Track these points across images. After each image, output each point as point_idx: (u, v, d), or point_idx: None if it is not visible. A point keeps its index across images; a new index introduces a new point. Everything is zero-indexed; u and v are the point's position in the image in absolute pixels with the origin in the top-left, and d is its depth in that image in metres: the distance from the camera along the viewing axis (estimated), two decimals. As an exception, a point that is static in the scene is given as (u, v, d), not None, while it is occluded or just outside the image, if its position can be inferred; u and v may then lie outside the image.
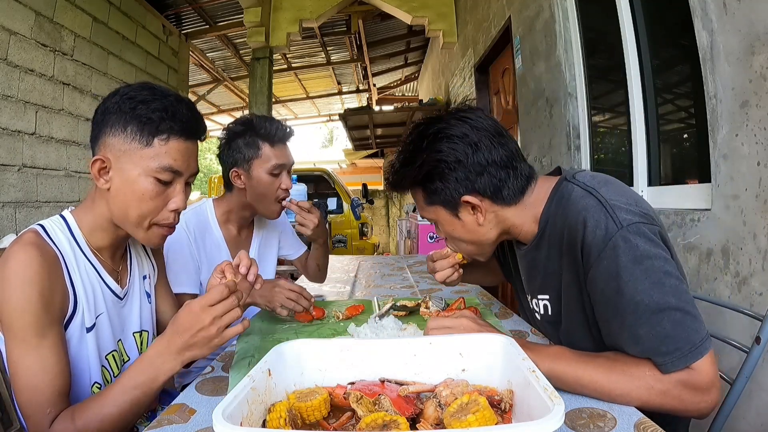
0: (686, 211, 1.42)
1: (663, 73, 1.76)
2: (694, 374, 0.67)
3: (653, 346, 0.68)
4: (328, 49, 7.07)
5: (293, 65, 7.50)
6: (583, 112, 2.25)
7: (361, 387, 0.63)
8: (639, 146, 1.80)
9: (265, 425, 0.56)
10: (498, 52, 3.66)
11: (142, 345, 0.94)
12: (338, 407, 0.63)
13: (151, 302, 0.98)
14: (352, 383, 0.66)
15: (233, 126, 1.30)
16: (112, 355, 0.86)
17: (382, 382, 0.65)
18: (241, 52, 6.42)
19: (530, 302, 0.97)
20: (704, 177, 1.40)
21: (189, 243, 1.26)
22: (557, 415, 0.46)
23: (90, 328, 0.81)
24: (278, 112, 9.94)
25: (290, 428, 0.54)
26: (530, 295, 0.97)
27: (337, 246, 6.47)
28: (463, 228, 0.89)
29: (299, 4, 5.09)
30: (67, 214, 0.84)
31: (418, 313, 1.21)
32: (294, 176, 1.50)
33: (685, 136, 1.74)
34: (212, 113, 8.61)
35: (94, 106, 3.57)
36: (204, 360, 1.13)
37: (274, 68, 6.21)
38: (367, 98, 9.82)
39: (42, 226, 0.80)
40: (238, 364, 0.89)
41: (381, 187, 11.05)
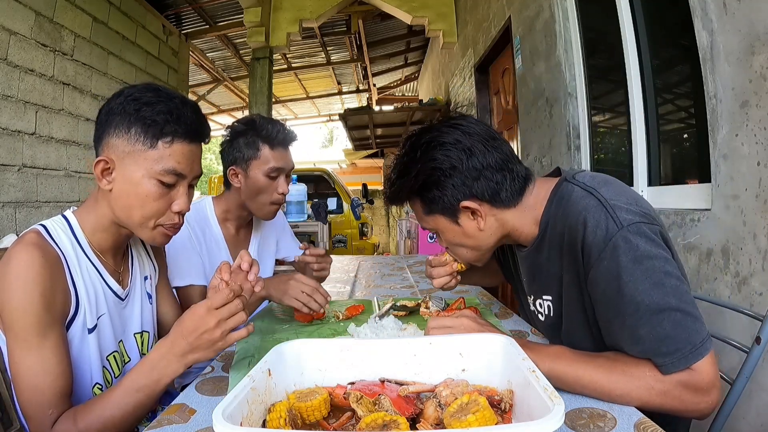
0: (686, 211, 1.42)
1: (663, 73, 1.76)
2: (695, 375, 0.67)
3: (653, 347, 0.68)
4: (328, 49, 7.07)
5: (293, 65, 7.50)
6: (583, 112, 2.25)
7: (361, 387, 0.63)
8: (639, 146, 1.80)
9: (265, 425, 0.56)
10: (498, 52, 3.65)
11: (142, 346, 0.94)
12: (338, 407, 0.63)
13: (152, 303, 0.98)
14: (352, 383, 0.66)
15: (237, 124, 1.30)
16: (113, 356, 0.86)
17: (382, 382, 0.65)
18: (241, 52, 6.42)
19: (532, 304, 0.97)
20: (704, 177, 1.40)
21: (191, 237, 1.27)
22: (557, 415, 0.46)
23: (92, 329, 0.81)
24: (278, 112, 9.93)
25: (290, 428, 0.54)
26: (532, 297, 0.97)
27: (337, 246, 6.47)
28: (464, 234, 0.88)
29: (299, 4, 5.09)
30: (69, 214, 0.84)
31: (418, 313, 1.21)
32: (294, 176, 1.50)
33: (685, 136, 1.74)
34: (212, 113, 8.62)
35: (94, 106, 3.57)
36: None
37: (274, 68, 6.21)
38: (367, 98, 9.82)
39: (44, 226, 0.79)
40: (238, 364, 0.89)
41: (381, 187, 11.05)
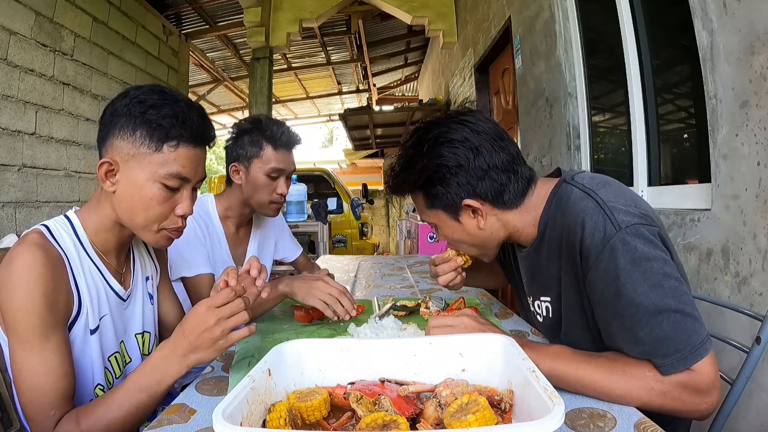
0: (686, 211, 1.42)
1: (663, 73, 1.76)
2: (695, 376, 0.66)
3: (653, 348, 0.68)
4: (328, 49, 7.07)
5: (293, 65, 7.50)
6: (583, 112, 2.25)
7: (361, 387, 0.63)
8: (639, 146, 1.80)
9: (265, 425, 0.56)
10: (498, 52, 3.65)
11: (143, 346, 0.94)
12: (338, 407, 0.63)
13: (153, 303, 0.98)
14: (352, 383, 0.66)
15: (243, 122, 1.33)
16: (114, 357, 0.86)
17: (382, 382, 0.65)
18: (241, 52, 6.42)
19: (532, 305, 0.97)
20: (704, 177, 1.40)
21: (196, 230, 1.28)
22: (557, 415, 0.46)
23: (94, 330, 0.81)
24: (278, 112, 9.93)
25: (290, 428, 0.54)
26: (531, 297, 0.97)
27: (337, 246, 6.47)
28: (463, 231, 0.89)
29: (299, 4, 5.09)
30: (71, 214, 0.84)
31: (418, 313, 1.21)
32: (294, 176, 1.51)
33: (685, 136, 1.74)
34: (212, 113, 8.62)
35: (94, 106, 3.58)
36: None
37: (274, 68, 6.21)
38: (367, 98, 9.82)
39: (46, 226, 0.79)
40: (238, 364, 0.89)
41: (381, 187, 11.04)
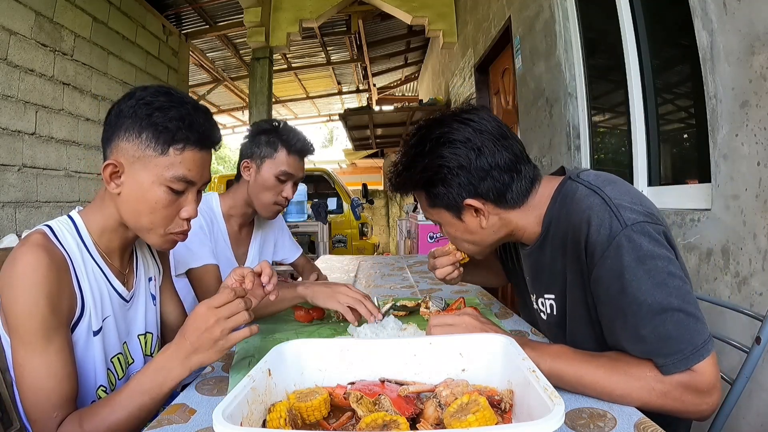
0: (686, 211, 1.42)
1: (663, 73, 1.76)
2: (696, 376, 0.66)
3: (655, 347, 0.68)
4: (328, 49, 7.07)
5: (293, 65, 7.50)
6: (583, 112, 2.25)
7: (361, 387, 0.63)
8: (639, 146, 1.80)
9: (265, 425, 0.56)
10: (498, 52, 3.65)
11: (146, 347, 0.93)
12: (338, 407, 0.63)
13: (156, 304, 0.97)
14: (352, 383, 0.66)
15: (262, 123, 1.38)
16: (117, 358, 0.86)
17: (382, 382, 0.65)
18: (241, 52, 6.42)
19: (535, 302, 0.97)
20: (704, 177, 1.40)
21: (202, 226, 1.29)
22: (557, 415, 0.46)
23: (97, 332, 0.81)
24: (278, 112, 9.93)
25: (290, 428, 0.54)
26: (535, 295, 0.96)
27: (337, 246, 6.46)
28: (465, 230, 0.89)
29: (299, 4, 5.09)
30: (75, 215, 0.83)
31: (418, 313, 1.21)
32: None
33: (685, 136, 1.74)
34: (212, 113, 8.62)
35: (94, 106, 3.58)
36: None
37: (274, 68, 6.21)
38: (367, 98, 9.82)
39: (50, 227, 0.78)
40: (238, 364, 0.89)
41: (381, 187, 11.06)
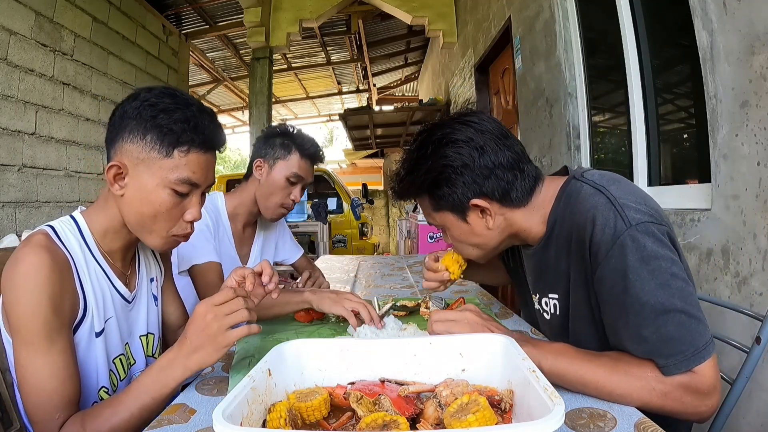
0: (686, 211, 1.42)
1: (663, 73, 1.76)
2: (696, 378, 0.66)
3: (656, 348, 0.68)
4: (328, 49, 7.07)
5: (293, 65, 7.51)
6: (583, 112, 2.25)
7: (361, 387, 0.63)
8: (639, 146, 1.80)
9: (265, 425, 0.56)
10: (498, 52, 3.65)
11: (148, 348, 0.93)
12: (338, 407, 0.63)
13: (157, 305, 0.97)
14: (352, 383, 0.66)
15: (278, 126, 1.45)
16: (119, 359, 0.86)
17: (382, 382, 0.65)
18: (241, 52, 6.43)
19: (538, 303, 0.97)
20: (704, 177, 1.40)
21: (208, 224, 1.30)
22: (557, 415, 0.46)
23: (99, 333, 0.80)
24: (278, 112, 9.93)
25: (290, 428, 0.54)
26: (538, 295, 0.96)
27: (337, 246, 6.46)
28: (471, 232, 0.88)
29: (299, 4, 5.09)
30: (77, 215, 0.82)
31: (418, 313, 1.21)
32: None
33: (685, 136, 1.74)
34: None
35: (94, 106, 3.58)
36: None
37: (274, 68, 6.21)
38: (367, 98, 9.82)
39: (52, 227, 0.78)
40: (238, 364, 0.89)
41: (381, 187, 11.06)
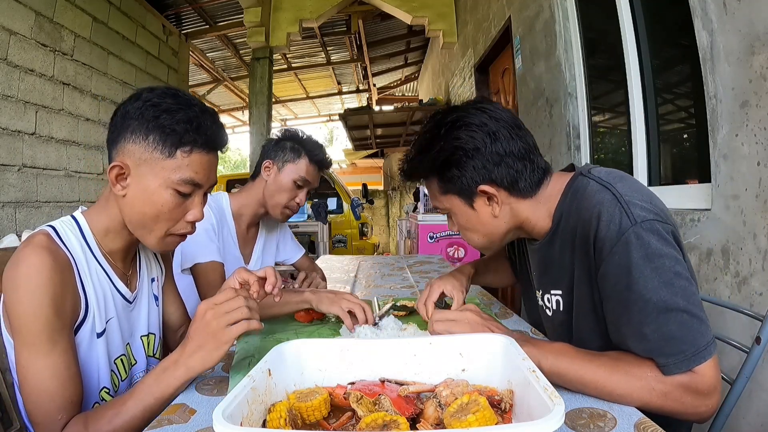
0: (686, 211, 1.42)
1: (663, 73, 1.76)
2: (697, 378, 0.66)
3: (657, 346, 0.68)
4: (328, 49, 7.07)
5: (293, 65, 7.51)
6: (583, 112, 2.25)
7: (361, 387, 0.63)
8: (639, 146, 1.80)
9: (265, 425, 0.56)
10: (498, 52, 3.66)
11: (149, 348, 0.93)
12: (338, 407, 0.63)
13: (158, 305, 0.97)
14: (352, 383, 0.66)
15: (290, 131, 1.48)
16: (120, 360, 0.86)
17: (382, 382, 0.65)
18: (241, 52, 6.42)
19: (541, 299, 0.96)
20: (704, 177, 1.40)
21: (212, 220, 1.30)
22: (557, 415, 0.46)
23: (100, 333, 0.80)
24: (278, 112, 9.94)
25: (290, 428, 0.54)
26: (541, 291, 0.96)
27: (337, 246, 6.46)
28: (477, 219, 0.87)
29: (299, 4, 5.09)
30: (78, 215, 0.82)
31: (418, 313, 1.21)
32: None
33: (685, 136, 1.74)
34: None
35: (94, 106, 3.58)
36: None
37: (274, 68, 6.21)
38: (367, 98, 9.82)
39: (53, 227, 0.78)
40: (238, 364, 0.89)
41: (381, 187, 11.06)
